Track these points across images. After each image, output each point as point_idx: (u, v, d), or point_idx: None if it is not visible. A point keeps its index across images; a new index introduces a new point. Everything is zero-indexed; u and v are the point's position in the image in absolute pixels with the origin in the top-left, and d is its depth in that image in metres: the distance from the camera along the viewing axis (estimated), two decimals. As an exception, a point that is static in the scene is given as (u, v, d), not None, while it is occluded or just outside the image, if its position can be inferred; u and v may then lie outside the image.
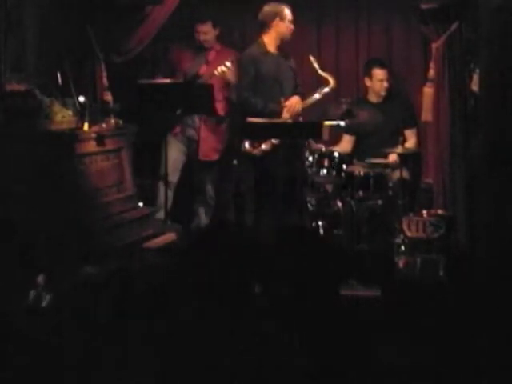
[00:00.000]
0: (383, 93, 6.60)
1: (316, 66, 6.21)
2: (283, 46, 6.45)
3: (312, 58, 6.22)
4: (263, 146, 6.18)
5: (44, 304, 3.44)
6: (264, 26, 6.38)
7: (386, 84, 6.58)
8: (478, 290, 2.40)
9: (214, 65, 6.49)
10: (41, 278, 3.68)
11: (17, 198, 5.02)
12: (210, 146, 6.64)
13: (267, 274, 2.51)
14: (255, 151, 6.20)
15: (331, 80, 6.23)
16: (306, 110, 6.33)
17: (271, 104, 6.25)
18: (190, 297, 2.50)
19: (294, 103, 6.27)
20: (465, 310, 2.43)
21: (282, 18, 6.35)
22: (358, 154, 6.51)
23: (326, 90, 6.25)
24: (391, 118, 6.48)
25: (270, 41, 6.40)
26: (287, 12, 6.37)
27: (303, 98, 6.31)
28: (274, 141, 6.17)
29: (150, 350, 2.37)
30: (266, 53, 6.39)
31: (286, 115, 6.23)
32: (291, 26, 6.38)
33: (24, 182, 5.06)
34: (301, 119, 6.23)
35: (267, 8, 6.37)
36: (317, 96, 6.27)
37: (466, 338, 2.41)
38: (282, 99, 6.25)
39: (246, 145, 6.19)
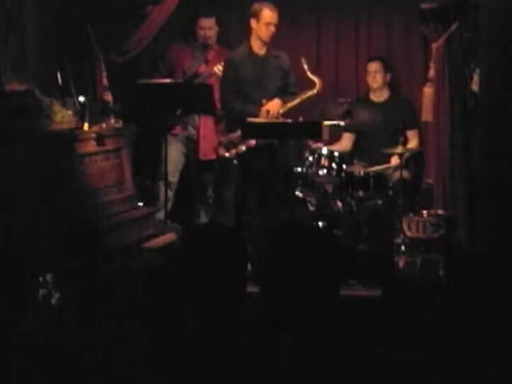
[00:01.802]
0: (375, 85, 6.55)
1: (305, 67, 6.06)
2: (271, 45, 6.21)
3: (303, 60, 6.07)
4: (238, 149, 6.13)
5: (54, 302, 3.46)
6: (248, 26, 6.16)
7: (378, 76, 6.52)
8: (478, 290, 2.41)
9: (213, 64, 6.50)
10: (49, 277, 3.70)
11: (17, 198, 5.02)
12: (209, 146, 6.63)
13: (266, 274, 2.52)
14: (229, 154, 6.16)
15: (318, 84, 6.08)
16: (306, 110, 6.32)
17: (248, 106, 6.12)
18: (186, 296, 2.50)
19: (270, 107, 6.10)
20: (465, 311, 2.43)
21: (258, 19, 6.04)
22: (359, 153, 6.51)
23: (310, 94, 6.11)
24: (392, 118, 6.46)
25: (253, 41, 6.17)
26: (265, 13, 6.00)
27: (285, 101, 6.14)
28: (250, 142, 6.06)
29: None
30: (250, 54, 6.18)
31: (261, 118, 6.07)
32: (271, 29, 6.03)
33: (24, 182, 5.06)
34: (301, 119, 6.18)
35: (252, 7, 6.09)
36: (298, 100, 6.14)
37: (466, 339, 2.42)
38: (264, 101, 6.12)
39: (221, 147, 6.17)
